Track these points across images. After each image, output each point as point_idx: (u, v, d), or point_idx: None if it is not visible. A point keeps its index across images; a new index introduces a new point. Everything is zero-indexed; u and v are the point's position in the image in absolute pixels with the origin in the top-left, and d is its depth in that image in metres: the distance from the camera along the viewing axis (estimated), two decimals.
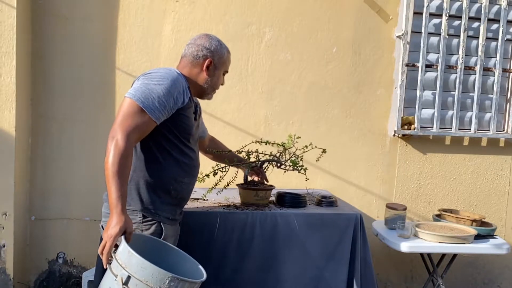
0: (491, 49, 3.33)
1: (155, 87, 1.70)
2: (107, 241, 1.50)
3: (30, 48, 2.91)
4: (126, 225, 1.52)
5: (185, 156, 1.86)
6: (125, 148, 1.58)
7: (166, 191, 1.83)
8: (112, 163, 1.55)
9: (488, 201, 3.40)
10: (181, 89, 1.77)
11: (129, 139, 1.60)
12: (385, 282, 3.34)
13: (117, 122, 1.63)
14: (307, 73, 3.15)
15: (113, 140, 1.59)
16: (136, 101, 1.66)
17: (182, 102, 1.78)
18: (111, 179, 1.54)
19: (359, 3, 3.15)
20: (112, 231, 1.50)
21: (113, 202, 1.53)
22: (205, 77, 1.91)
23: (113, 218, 1.52)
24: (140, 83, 1.73)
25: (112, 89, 2.99)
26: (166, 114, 1.73)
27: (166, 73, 1.77)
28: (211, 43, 1.92)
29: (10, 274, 2.81)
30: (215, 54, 1.92)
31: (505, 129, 3.41)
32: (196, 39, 1.94)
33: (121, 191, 1.54)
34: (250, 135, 3.08)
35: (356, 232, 2.38)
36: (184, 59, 1.93)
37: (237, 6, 3.04)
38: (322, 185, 3.19)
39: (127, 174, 1.60)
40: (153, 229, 1.79)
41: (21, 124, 2.83)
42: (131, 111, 1.65)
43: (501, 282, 3.50)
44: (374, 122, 3.24)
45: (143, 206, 1.78)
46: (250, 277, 2.29)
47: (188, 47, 1.94)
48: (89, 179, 3.01)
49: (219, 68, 1.95)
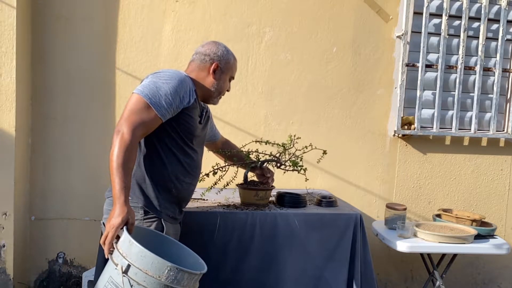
0: (491, 49, 3.33)
1: (163, 85, 1.76)
2: (109, 231, 1.52)
3: (30, 48, 2.91)
4: (128, 216, 1.55)
5: (187, 156, 1.90)
6: (130, 141, 1.62)
7: (167, 189, 1.86)
8: (117, 155, 1.59)
9: (488, 201, 3.40)
10: (188, 89, 1.83)
11: (134, 134, 1.64)
12: (385, 282, 3.34)
13: (124, 116, 1.68)
14: (307, 73, 3.15)
15: (119, 134, 1.63)
16: (144, 97, 1.71)
17: (188, 102, 1.83)
18: (115, 171, 1.57)
19: (359, 3, 3.15)
20: (114, 221, 1.52)
21: (116, 193, 1.56)
22: (211, 80, 1.98)
23: (115, 209, 1.55)
24: (148, 81, 1.78)
25: (112, 89, 2.99)
26: (172, 112, 1.78)
27: (175, 73, 1.83)
28: (218, 49, 2.00)
29: (10, 274, 2.81)
30: (221, 59, 1.99)
31: (505, 129, 3.41)
32: (204, 45, 2.03)
33: (125, 182, 1.57)
34: (250, 135, 3.08)
35: (356, 232, 2.38)
36: (192, 64, 2.00)
37: (237, 6, 3.04)
38: (322, 185, 3.19)
39: (131, 167, 1.64)
40: (154, 226, 1.82)
41: (21, 124, 2.83)
42: (138, 107, 1.70)
43: (501, 282, 3.50)
44: (374, 122, 3.24)
45: (145, 202, 1.82)
46: (250, 277, 2.29)
47: (196, 52, 2.02)
48: (89, 179, 3.01)
49: (226, 72, 2.02)
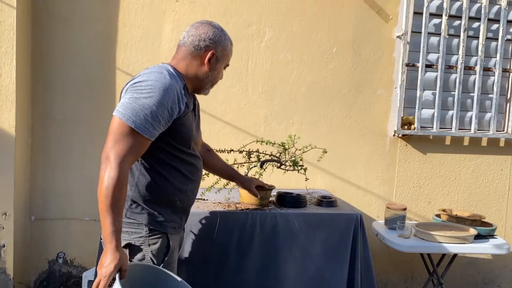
0: (491, 49, 3.33)
1: (146, 101, 1.52)
2: (101, 280, 1.44)
3: (30, 48, 2.91)
4: (121, 263, 1.45)
5: (187, 164, 1.74)
6: (118, 178, 1.46)
7: (171, 202, 1.72)
8: (106, 195, 1.45)
9: (488, 201, 3.40)
10: (175, 97, 1.58)
11: (123, 167, 1.48)
12: (385, 282, 3.34)
13: (109, 145, 1.49)
14: (307, 73, 3.15)
15: (106, 169, 1.46)
16: (126, 121, 1.50)
17: (178, 111, 1.60)
18: (105, 212, 1.45)
19: (359, 3, 3.15)
20: (107, 270, 1.43)
21: (107, 237, 1.45)
22: (205, 70, 1.72)
23: (107, 255, 1.44)
24: (128, 97, 1.54)
25: (112, 89, 2.99)
26: (161, 128, 1.57)
27: (157, 80, 1.56)
28: (215, 33, 1.71)
29: (10, 274, 2.81)
30: (218, 46, 1.72)
31: (505, 129, 3.41)
32: (198, 26, 1.72)
33: (116, 226, 1.45)
34: (250, 135, 3.08)
35: (356, 232, 2.38)
36: (183, 49, 1.72)
37: (237, 6, 3.04)
38: (322, 185, 3.19)
39: (122, 205, 1.50)
40: (160, 242, 1.68)
41: (21, 124, 2.83)
42: (122, 132, 1.50)
43: (501, 282, 3.50)
44: (374, 122, 3.24)
45: (149, 219, 1.67)
46: (250, 277, 2.29)
47: (187, 34, 1.72)
48: (89, 179, 3.00)
49: (221, 61, 1.76)
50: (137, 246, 1.66)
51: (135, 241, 1.65)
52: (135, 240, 1.66)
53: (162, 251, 1.69)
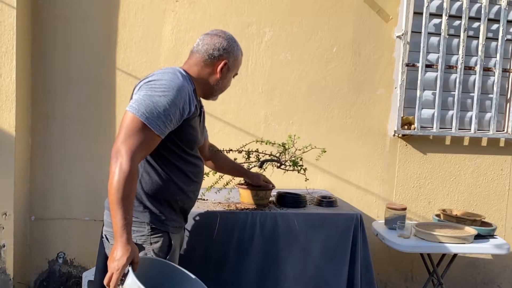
0: (491, 49, 3.33)
1: (160, 99, 1.56)
2: (114, 273, 1.42)
3: (30, 48, 2.91)
4: (133, 255, 1.45)
5: (191, 165, 1.78)
6: (130, 171, 1.47)
7: (173, 201, 1.75)
8: (117, 188, 1.45)
9: (488, 201, 3.40)
10: (187, 97, 1.64)
11: (134, 161, 1.49)
12: (385, 282, 3.34)
13: (120, 139, 1.51)
14: (307, 73, 3.15)
15: (117, 163, 1.47)
16: (140, 117, 1.53)
17: (189, 112, 1.66)
18: (115, 205, 1.45)
19: (359, 3, 3.15)
20: (119, 263, 1.42)
21: (118, 231, 1.45)
22: (217, 78, 1.80)
23: (118, 248, 1.44)
24: (143, 95, 1.58)
25: (112, 89, 2.99)
26: (171, 127, 1.62)
27: (171, 80, 1.62)
28: (229, 44, 1.79)
29: (10, 274, 2.81)
30: (230, 56, 1.80)
31: (505, 129, 3.41)
32: (213, 36, 1.79)
33: (127, 219, 1.45)
34: (250, 135, 3.08)
35: (356, 232, 2.38)
36: (197, 56, 1.78)
37: (237, 6, 3.04)
38: (322, 185, 3.19)
39: (133, 198, 1.51)
40: (162, 241, 1.71)
41: (21, 124, 2.83)
42: (134, 127, 1.53)
43: (501, 282, 3.50)
44: (374, 122, 3.24)
45: (151, 218, 1.70)
46: (250, 277, 2.29)
47: (202, 42, 1.79)
48: (89, 179, 3.01)
49: (232, 70, 1.85)
50: (139, 244, 1.67)
51: (137, 239, 1.67)
52: (137, 239, 1.67)
53: (163, 250, 1.72)
